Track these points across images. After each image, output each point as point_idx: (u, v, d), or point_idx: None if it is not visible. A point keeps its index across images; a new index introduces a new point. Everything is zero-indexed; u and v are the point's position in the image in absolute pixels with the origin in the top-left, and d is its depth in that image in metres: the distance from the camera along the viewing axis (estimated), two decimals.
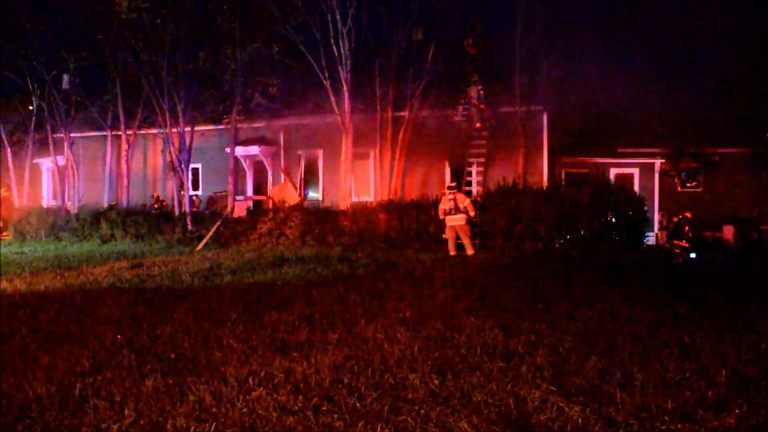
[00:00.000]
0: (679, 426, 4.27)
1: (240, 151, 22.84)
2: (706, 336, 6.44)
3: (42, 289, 10.61)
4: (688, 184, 22.92)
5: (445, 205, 15.23)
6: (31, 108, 25.65)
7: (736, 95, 20.17)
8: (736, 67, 20.16)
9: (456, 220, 15.04)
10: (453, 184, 15.69)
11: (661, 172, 21.36)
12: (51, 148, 25.21)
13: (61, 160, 25.36)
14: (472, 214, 15.15)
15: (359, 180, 21.06)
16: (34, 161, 26.98)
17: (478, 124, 19.59)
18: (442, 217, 15.30)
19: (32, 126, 25.86)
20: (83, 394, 4.94)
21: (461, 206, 15.01)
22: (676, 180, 22.78)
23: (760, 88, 19.56)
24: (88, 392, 4.97)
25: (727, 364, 5.48)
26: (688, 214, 13.72)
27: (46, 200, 27.80)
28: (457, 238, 15.13)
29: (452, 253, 14.95)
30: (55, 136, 25.12)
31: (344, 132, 19.23)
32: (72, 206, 24.26)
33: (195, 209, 21.90)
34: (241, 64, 20.82)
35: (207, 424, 4.37)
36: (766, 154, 21.40)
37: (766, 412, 4.47)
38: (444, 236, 15.42)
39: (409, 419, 4.40)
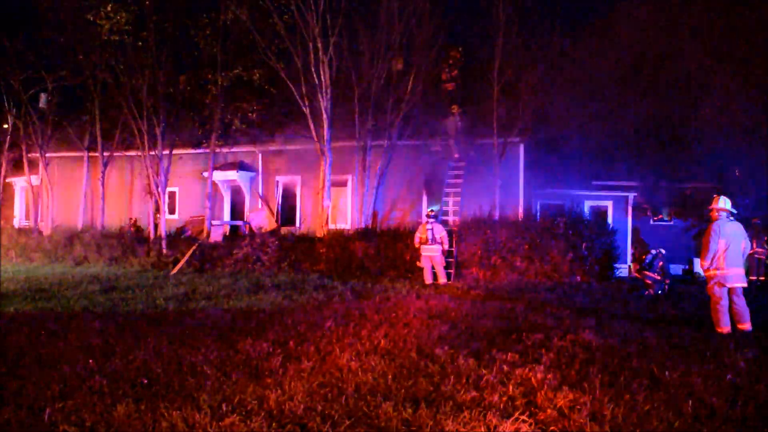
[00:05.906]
0: None
1: (218, 175, 22.80)
2: (674, 367, 6.58)
3: (12, 312, 10.43)
4: (660, 218, 23.40)
5: (422, 234, 15.27)
6: (6, 126, 25.35)
7: (706, 133, 20.69)
8: (706, 106, 20.72)
9: (431, 251, 15.13)
10: (432, 212, 15.80)
11: (634, 206, 21.79)
12: (25, 167, 24.91)
13: (35, 180, 25.04)
14: (445, 247, 15.32)
15: (337, 207, 21.15)
16: (8, 180, 26.59)
17: (455, 155, 19.85)
18: (417, 246, 15.38)
19: (6, 145, 25.52)
20: (53, 419, 4.89)
21: (437, 237, 15.12)
22: (648, 213, 23.22)
23: (725, 128, 20.10)
24: (58, 417, 4.91)
25: (694, 395, 5.62)
26: (663, 251, 14.13)
27: (19, 220, 27.37)
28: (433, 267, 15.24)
29: (428, 282, 15.02)
30: (29, 155, 24.84)
31: (323, 159, 19.33)
32: (45, 227, 23.90)
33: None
34: (222, 89, 20.92)
35: None
36: (725, 189, 21.94)
37: None
38: (419, 264, 15.52)
39: None
